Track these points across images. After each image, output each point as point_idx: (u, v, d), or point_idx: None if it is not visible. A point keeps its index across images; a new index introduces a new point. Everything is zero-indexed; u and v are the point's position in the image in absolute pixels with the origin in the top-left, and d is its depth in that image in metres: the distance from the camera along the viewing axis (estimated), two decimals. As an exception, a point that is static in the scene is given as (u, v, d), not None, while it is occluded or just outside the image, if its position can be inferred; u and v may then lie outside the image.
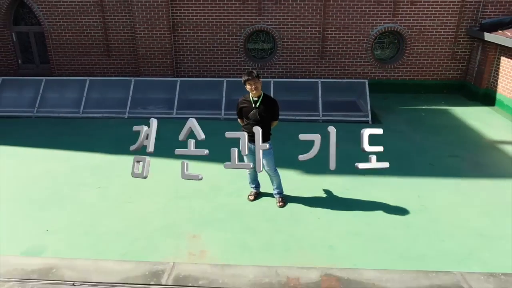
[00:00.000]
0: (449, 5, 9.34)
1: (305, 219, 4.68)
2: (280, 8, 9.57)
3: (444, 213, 4.82)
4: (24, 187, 5.51)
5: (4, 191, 5.34)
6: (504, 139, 7.23)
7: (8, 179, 5.72)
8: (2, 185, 5.50)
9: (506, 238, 4.24)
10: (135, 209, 4.92)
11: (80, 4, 9.80)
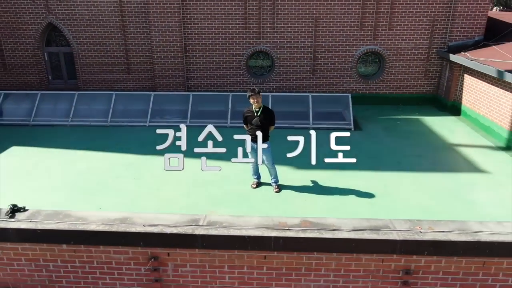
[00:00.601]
0: (421, 30, 10.97)
1: (295, 200, 6.17)
2: (277, 32, 11.19)
3: (402, 197, 6.31)
4: (74, 179, 7.00)
5: (58, 183, 6.83)
6: (461, 143, 8.77)
7: (59, 174, 7.22)
8: (55, 179, 7.00)
9: (444, 213, 5.73)
10: (164, 194, 6.40)
11: (105, 29, 11.42)
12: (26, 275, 4.38)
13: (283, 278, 4.15)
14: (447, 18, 10.84)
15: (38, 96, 10.43)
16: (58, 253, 4.23)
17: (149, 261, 4.16)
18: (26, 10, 11.45)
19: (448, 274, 4.04)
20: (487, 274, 4.01)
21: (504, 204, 5.99)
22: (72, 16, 11.38)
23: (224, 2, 10.94)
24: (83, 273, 4.31)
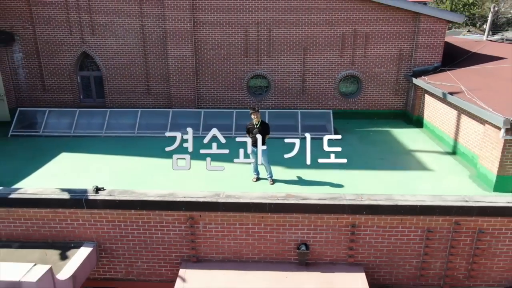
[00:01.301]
0: (391, 58, 13.47)
1: (285, 189, 8.50)
2: (272, 59, 13.67)
3: (364, 187, 8.60)
4: (119, 176, 9.31)
5: (108, 178, 9.13)
6: (418, 149, 11.16)
7: (106, 172, 9.53)
8: (105, 175, 9.32)
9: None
10: (189, 184, 8.67)
11: (130, 56, 13.87)
12: (105, 232, 6.68)
13: (274, 231, 6.47)
14: (411, 48, 13.36)
15: (77, 112, 12.83)
16: (128, 216, 6.55)
17: (188, 220, 6.47)
18: (65, 41, 13.92)
19: (379, 227, 6.36)
20: (403, 226, 6.34)
21: (435, 190, 8.32)
22: (103, 46, 13.85)
23: (229, 35, 13.45)
24: (144, 230, 6.62)
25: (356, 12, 13.09)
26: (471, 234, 6.31)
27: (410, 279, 6.63)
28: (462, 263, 6.50)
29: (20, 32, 13.90)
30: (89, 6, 13.45)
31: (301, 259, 6.53)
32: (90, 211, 6.56)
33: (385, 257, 6.52)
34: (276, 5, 13.11)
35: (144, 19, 13.49)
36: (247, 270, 6.47)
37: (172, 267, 6.72)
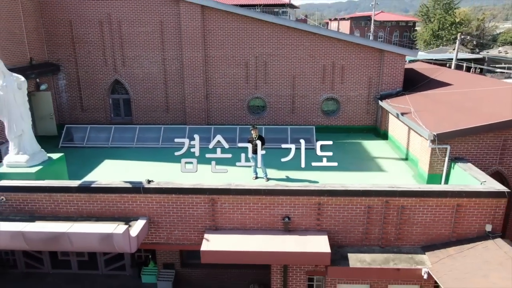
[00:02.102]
0: (362, 84, 17.00)
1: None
2: (268, 85, 17.18)
3: (335, 182, 12.00)
4: (154, 175, 12.66)
5: (147, 177, 12.48)
6: (380, 156, 14.59)
7: (139, 173, 12.89)
8: (139, 176, 12.66)
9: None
10: (207, 181, 12.04)
11: (153, 83, 17.38)
12: (154, 210, 10.01)
13: (267, 208, 9.83)
14: (378, 76, 16.91)
15: (113, 128, 16.30)
16: (169, 198, 9.91)
17: (210, 201, 9.84)
18: (100, 71, 17.45)
19: (336, 205, 9.74)
20: (352, 205, 9.71)
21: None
22: (131, 75, 17.37)
23: (233, 66, 17.00)
24: (180, 208, 9.96)
25: (334, 49, 16.68)
26: (397, 209, 9.69)
27: (358, 241, 9.97)
28: (392, 229, 9.86)
29: (64, 63, 17.44)
30: (121, 43, 17.02)
31: (285, 227, 9.88)
32: (145, 196, 9.92)
33: (341, 226, 9.87)
34: (271, 42, 16.70)
35: (165, 54, 17.06)
36: (249, 234, 9.82)
37: (198, 234, 10.06)
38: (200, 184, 9.93)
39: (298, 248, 9.44)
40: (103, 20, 16.86)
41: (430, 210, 9.74)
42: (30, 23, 16.23)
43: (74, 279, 13.82)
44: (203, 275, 13.21)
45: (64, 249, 10.04)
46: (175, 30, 16.74)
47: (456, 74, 19.64)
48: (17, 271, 14.12)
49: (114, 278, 13.83)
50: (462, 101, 13.88)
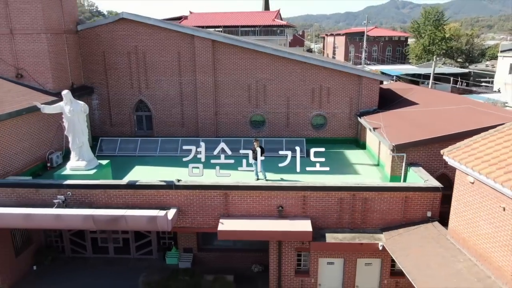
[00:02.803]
0: (345, 103, 20.68)
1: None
2: (266, 104, 20.88)
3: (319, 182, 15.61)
4: (174, 177, 16.25)
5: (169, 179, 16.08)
6: (358, 162, 18.22)
7: (165, 176, 16.47)
8: (165, 177, 16.27)
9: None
10: (220, 181, 15.64)
11: (171, 102, 21.05)
12: (182, 201, 13.60)
13: (266, 200, 13.43)
14: (358, 97, 20.60)
15: (139, 140, 19.94)
16: (194, 193, 13.52)
17: (224, 195, 13.44)
18: (127, 92, 21.14)
19: (317, 197, 13.35)
20: (328, 197, 13.32)
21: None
22: (153, 96, 21.07)
23: (237, 88, 20.71)
24: (202, 200, 13.56)
25: (321, 74, 20.41)
26: (361, 200, 13.28)
27: (333, 224, 13.55)
28: (358, 216, 13.44)
29: (97, 86, 21.15)
30: (145, 70, 20.76)
31: (279, 214, 13.45)
32: (175, 191, 13.51)
33: (320, 213, 13.45)
34: (269, 69, 20.44)
35: (181, 78, 20.79)
36: (252, 219, 13.40)
37: (215, 219, 13.61)
38: (216, 182, 13.54)
39: (288, 228, 13.04)
40: (130, 51, 20.61)
41: (386, 201, 13.36)
42: (72, 54, 19.97)
43: (111, 262, 17.35)
44: (215, 258, 16.74)
45: (120, 228, 13.59)
46: (190, 59, 20.49)
47: (425, 92, 23.38)
48: (64, 256, 17.66)
49: (143, 261, 17.36)
50: (421, 118, 17.55)
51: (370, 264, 14.26)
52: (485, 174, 10.11)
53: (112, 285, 15.62)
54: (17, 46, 17.96)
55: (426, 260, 11.55)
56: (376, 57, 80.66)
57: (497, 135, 11.49)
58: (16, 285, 15.65)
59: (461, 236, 11.69)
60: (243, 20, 50.79)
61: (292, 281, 14.52)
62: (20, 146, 16.04)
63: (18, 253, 16.02)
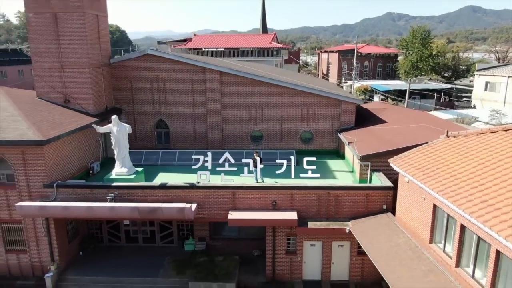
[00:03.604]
0: (328, 121, 25.58)
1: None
2: (264, 122, 25.76)
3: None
4: (189, 181, 21.04)
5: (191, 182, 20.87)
6: (337, 169, 23.05)
7: (184, 180, 21.24)
8: (183, 181, 21.05)
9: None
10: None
11: (185, 121, 25.90)
12: (200, 198, 18.35)
13: (264, 196, 18.20)
14: (338, 117, 25.53)
15: (160, 152, 24.72)
16: (209, 192, 18.28)
17: (232, 193, 18.20)
18: (149, 113, 26.00)
19: (302, 195, 18.15)
20: (310, 195, 18.10)
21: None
22: (171, 116, 25.94)
23: (240, 109, 25.61)
24: (215, 197, 18.32)
25: (308, 98, 25.36)
26: (334, 197, 18.07)
27: (314, 215, 18.28)
28: (332, 208, 18.20)
29: (125, 108, 26.02)
30: (164, 94, 25.68)
31: (273, 207, 18.22)
32: (196, 190, 18.28)
33: (304, 206, 18.21)
34: (265, 94, 25.39)
35: (194, 101, 25.70)
36: (253, 211, 18.15)
37: (225, 212, 18.34)
38: (226, 184, 18.30)
39: (280, 217, 17.80)
40: (153, 79, 25.54)
41: (352, 197, 18.15)
42: (106, 83, 24.87)
43: (140, 249, 22.00)
44: (223, 245, 21.41)
45: (157, 216, 18.22)
46: (202, 86, 25.41)
47: (395, 112, 28.31)
48: (103, 245, 22.32)
49: (166, 248, 22.01)
50: (385, 134, 22.42)
51: (342, 245, 19.00)
52: (413, 176, 14.95)
53: (143, 265, 20.25)
54: (66, 77, 22.84)
55: (377, 238, 16.32)
56: (368, 73, 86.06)
57: (427, 148, 16.37)
58: (69, 265, 20.28)
59: (403, 221, 16.48)
60: (243, 42, 55.98)
61: (284, 260, 19.22)
62: (73, 157, 20.82)
63: (69, 241, 20.70)
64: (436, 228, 14.20)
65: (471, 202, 11.93)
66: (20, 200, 18.59)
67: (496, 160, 13.43)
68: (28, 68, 64.76)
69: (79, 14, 21.96)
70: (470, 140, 15.59)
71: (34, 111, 20.78)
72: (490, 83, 53.30)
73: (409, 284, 13.21)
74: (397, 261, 14.60)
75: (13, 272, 20.08)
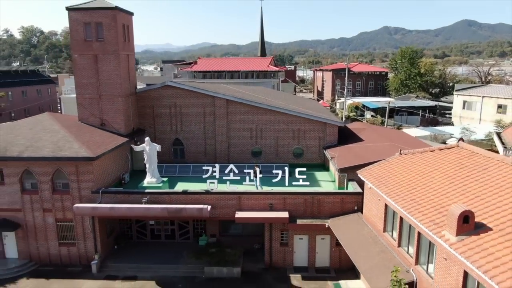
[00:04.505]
0: (315, 140, 31.23)
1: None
2: (263, 140, 31.40)
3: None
4: (201, 188, 26.56)
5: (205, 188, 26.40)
6: (323, 179, 28.60)
7: (198, 188, 26.75)
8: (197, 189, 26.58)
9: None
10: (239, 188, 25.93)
11: (198, 139, 31.52)
12: (213, 201, 23.84)
13: (263, 200, 23.71)
14: (324, 136, 31.19)
15: (178, 166, 30.29)
16: (219, 196, 23.78)
17: (238, 197, 23.73)
18: (167, 133, 31.63)
19: (292, 199, 23.65)
20: (298, 199, 23.63)
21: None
22: (186, 135, 31.58)
23: (242, 130, 31.28)
24: (225, 200, 23.83)
25: (299, 121, 31.07)
26: (317, 200, 23.59)
27: (301, 214, 23.75)
28: (315, 209, 23.68)
29: (147, 128, 31.69)
30: (181, 118, 31.38)
31: (270, 208, 23.72)
32: (210, 195, 23.79)
33: (293, 208, 23.69)
34: (264, 118, 31.11)
35: (205, 123, 31.40)
36: (255, 211, 23.64)
37: (233, 212, 23.79)
38: (233, 190, 23.82)
39: (275, 216, 23.29)
40: (171, 105, 31.24)
41: (331, 200, 23.69)
42: (133, 108, 30.53)
43: (163, 244, 27.41)
44: (230, 240, 26.82)
45: (181, 215, 23.62)
46: (211, 110, 31.09)
47: (373, 131, 33.97)
48: (132, 241, 27.72)
49: (184, 243, 27.44)
50: (360, 151, 28.01)
51: (324, 239, 24.44)
52: (372, 183, 20.51)
53: (166, 256, 25.62)
54: (102, 105, 28.49)
55: (348, 231, 21.81)
56: (360, 90, 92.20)
57: (385, 163, 21.97)
58: (107, 256, 25.65)
59: (367, 217, 21.99)
60: (243, 66, 61.96)
61: (278, 250, 24.63)
62: (110, 169, 26.36)
63: (108, 237, 26.09)
64: (387, 221, 19.71)
65: (405, 200, 17.49)
66: (72, 204, 24.06)
67: (428, 171, 19.03)
68: (45, 88, 71.00)
69: (115, 55, 27.72)
70: (415, 157, 21.21)
71: (80, 133, 26.38)
72: (467, 102, 59.22)
73: (366, 260, 18.68)
74: (360, 246, 20.09)
75: (64, 261, 25.45)
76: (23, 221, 24.92)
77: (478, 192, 15.90)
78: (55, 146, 24.23)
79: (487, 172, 17.00)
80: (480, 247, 13.04)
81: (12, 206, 24.70)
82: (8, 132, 25.87)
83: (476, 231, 13.64)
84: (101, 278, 23.90)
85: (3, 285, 23.21)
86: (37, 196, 24.51)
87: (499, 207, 14.54)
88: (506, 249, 12.58)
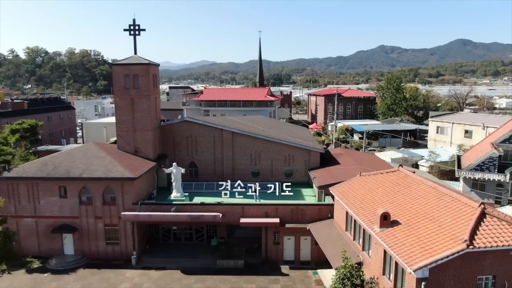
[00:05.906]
0: (302, 163, 39.86)
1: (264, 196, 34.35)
2: (261, 163, 40.05)
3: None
4: (213, 201, 35.06)
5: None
6: (307, 195, 37.15)
7: (211, 200, 35.24)
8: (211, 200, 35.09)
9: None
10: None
11: (209, 162, 40.13)
12: (222, 210, 32.33)
13: (260, 210, 32.21)
14: (309, 160, 39.86)
15: (193, 184, 38.85)
16: (228, 207, 32.28)
17: (242, 208, 32.24)
18: (185, 158, 40.31)
19: (282, 208, 32.15)
20: (286, 209, 32.14)
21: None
22: (200, 159, 40.26)
23: (244, 154, 39.98)
24: (232, 210, 32.34)
25: (289, 148, 39.88)
26: (300, 210, 32.07)
27: (289, 220, 32.20)
28: (300, 216, 32.13)
29: (169, 154, 40.39)
30: (195, 146, 40.18)
31: (266, 215, 32.19)
32: (221, 206, 32.28)
33: (283, 215, 32.12)
34: (261, 145, 39.91)
35: (215, 150, 40.19)
36: (254, 218, 32.15)
37: (238, 218, 32.18)
38: (238, 202, 32.34)
39: (269, 221, 31.77)
40: (188, 136, 39.99)
41: (311, 210, 32.24)
42: (158, 138, 39.21)
43: (183, 245, 35.81)
44: (235, 241, 35.15)
45: (201, 221, 31.95)
46: (220, 140, 39.82)
47: (349, 156, 42.58)
48: (159, 242, 36.08)
49: (199, 244, 35.84)
50: (336, 172, 36.58)
51: (306, 239, 32.84)
52: (338, 197, 29.07)
53: (186, 252, 33.93)
54: (136, 136, 37.18)
55: (323, 232, 30.27)
56: (350, 113, 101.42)
57: (349, 181, 30.57)
58: (142, 253, 33.97)
59: (336, 222, 30.49)
60: (244, 96, 71.11)
61: (272, 248, 33.02)
62: (144, 186, 34.88)
63: (142, 239, 34.43)
64: (348, 223, 28.18)
65: (356, 208, 26.03)
66: (118, 213, 32.48)
67: (374, 188, 27.64)
68: (66, 113, 79.86)
69: (147, 98, 36.57)
70: (370, 177, 29.83)
71: (121, 158, 34.99)
72: (440, 127, 68.19)
73: (332, 250, 27.14)
74: (330, 241, 28.55)
75: (109, 256, 33.70)
76: (79, 226, 33.30)
77: (400, 202, 24.50)
78: (105, 169, 32.81)
79: (410, 189, 25.63)
80: (393, 235, 21.54)
81: (72, 214, 33.13)
82: (67, 159, 34.48)
83: (391, 225, 22.18)
84: (139, 268, 32.17)
85: (67, 273, 31.44)
86: (91, 206, 32.97)
87: (409, 211, 23.10)
88: (407, 237, 21.08)
